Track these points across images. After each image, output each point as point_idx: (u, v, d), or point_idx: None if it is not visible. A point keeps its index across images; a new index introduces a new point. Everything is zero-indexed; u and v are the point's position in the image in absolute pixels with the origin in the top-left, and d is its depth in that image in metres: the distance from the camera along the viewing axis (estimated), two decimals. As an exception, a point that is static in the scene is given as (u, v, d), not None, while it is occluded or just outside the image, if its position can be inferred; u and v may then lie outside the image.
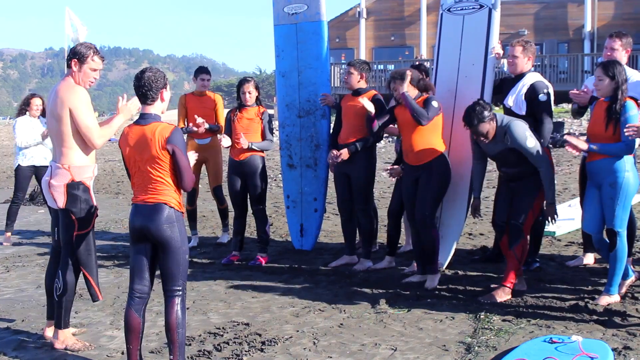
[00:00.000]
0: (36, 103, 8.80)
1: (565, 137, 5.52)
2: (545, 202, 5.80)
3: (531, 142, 5.64)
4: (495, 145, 5.78)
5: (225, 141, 7.15)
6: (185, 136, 8.12)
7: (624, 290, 5.70)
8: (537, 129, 6.18)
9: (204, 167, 8.28)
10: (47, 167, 8.91)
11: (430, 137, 6.21)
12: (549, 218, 5.81)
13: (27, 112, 8.80)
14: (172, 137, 4.14)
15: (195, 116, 7.85)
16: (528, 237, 5.97)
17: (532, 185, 5.76)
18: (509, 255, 5.81)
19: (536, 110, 6.19)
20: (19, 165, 8.83)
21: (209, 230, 9.30)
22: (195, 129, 7.85)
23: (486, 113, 5.67)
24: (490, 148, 5.85)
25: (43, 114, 8.82)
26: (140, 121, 4.27)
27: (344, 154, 6.82)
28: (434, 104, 6.14)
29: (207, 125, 7.86)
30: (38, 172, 8.95)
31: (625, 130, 5.21)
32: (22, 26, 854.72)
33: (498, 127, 5.71)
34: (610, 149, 5.41)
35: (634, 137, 5.23)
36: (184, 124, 8.14)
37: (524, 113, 6.24)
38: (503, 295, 5.73)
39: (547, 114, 6.23)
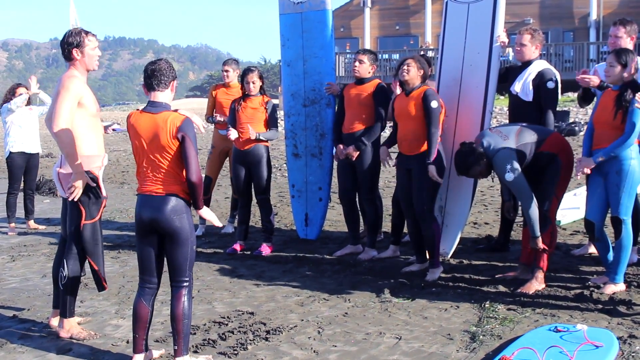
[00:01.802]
0: (21, 92, 8.85)
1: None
2: (530, 237, 5.68)
3: (510, 177, 5.51)
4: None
5: (233, 134, 7.15)
6: (212, 126, 8.34)
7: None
8: (541, 117, 6.17)
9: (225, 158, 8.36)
10: (37, 154, 9.04)
11: (424, 127, 6.09)
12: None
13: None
14: (183, 126, 4.10)
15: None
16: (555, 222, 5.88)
17: (551, 172, 5.68)
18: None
19: (542, 98, 6.18)
20: (10, 153, 8.86)
21: (213, 219, 9.29)
22: (220, 119, 8.01)
23: (470, 159, 5.61)
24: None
25: (28, 103, 8.96)
26: (150, 109, 4.21)
27: (353, 153, 6.84)
28: (433, 104, 6.00)
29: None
30: (30, 160, 8.98)
31: (637, 99, 5.18)
32: (27, 16, 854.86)
33: (488, 154, 5.63)
34: (614, 148, 5.38)
35: None
36: (212, 114, 8.22)
37: (530, 99, 6.24)
38: (538, 285, 5.69)
39: (552, 102, 6.22)
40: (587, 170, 5.54)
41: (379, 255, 6.97)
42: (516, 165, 5.53)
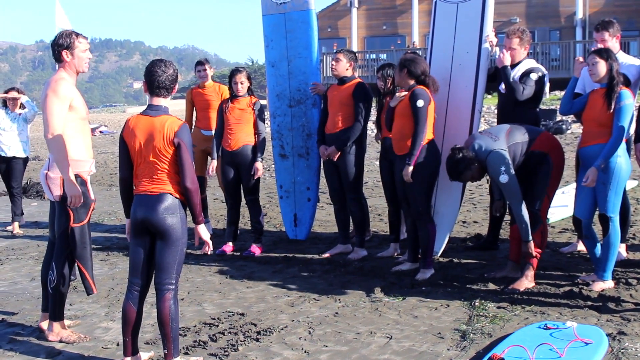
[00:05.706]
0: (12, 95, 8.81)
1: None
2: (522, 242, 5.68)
3: (504, 179, 5.52)
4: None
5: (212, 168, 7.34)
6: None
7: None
8: (529, 115, 6.20)
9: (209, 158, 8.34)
10: (12, 158, 8.90)
11: (410, 127, 6.03)
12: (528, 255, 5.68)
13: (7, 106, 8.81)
14: (180, 132, 4.11)
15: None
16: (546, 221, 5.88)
17: (543, 171, 5.68)
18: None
19: (524, 87, 6.13)
20: None
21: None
22: None
23: (460, 166, 5.63)
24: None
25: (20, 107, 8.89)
26: (149, 112, 4.21)
27: (333, 153, 6.86)
28: (419, 103, 5.93)
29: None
30: (9, 163, 8.91)
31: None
32: (13, 18, 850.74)
33: (480, 156, 5.65)
34: (610, 151, 5.37)
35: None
36: (190, 120, 8.17)
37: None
38: (528, 283, 5.69)
39: (532, 88, 6.14)
40: (594, 183, 5.48)
41: (380, 254, 6.97)
42: (510, 167, 5.54)
